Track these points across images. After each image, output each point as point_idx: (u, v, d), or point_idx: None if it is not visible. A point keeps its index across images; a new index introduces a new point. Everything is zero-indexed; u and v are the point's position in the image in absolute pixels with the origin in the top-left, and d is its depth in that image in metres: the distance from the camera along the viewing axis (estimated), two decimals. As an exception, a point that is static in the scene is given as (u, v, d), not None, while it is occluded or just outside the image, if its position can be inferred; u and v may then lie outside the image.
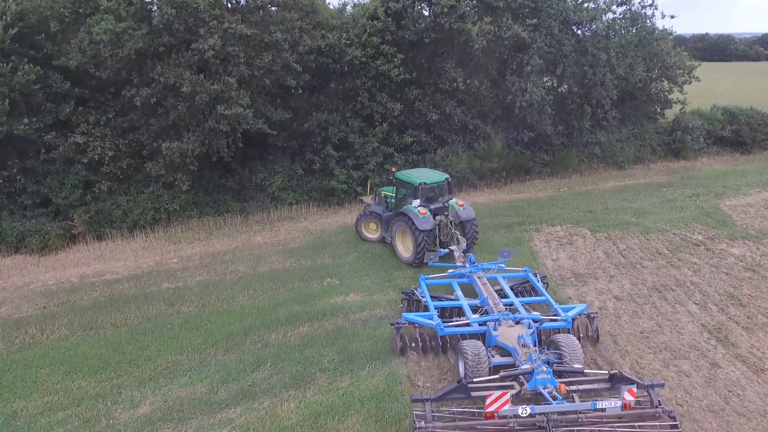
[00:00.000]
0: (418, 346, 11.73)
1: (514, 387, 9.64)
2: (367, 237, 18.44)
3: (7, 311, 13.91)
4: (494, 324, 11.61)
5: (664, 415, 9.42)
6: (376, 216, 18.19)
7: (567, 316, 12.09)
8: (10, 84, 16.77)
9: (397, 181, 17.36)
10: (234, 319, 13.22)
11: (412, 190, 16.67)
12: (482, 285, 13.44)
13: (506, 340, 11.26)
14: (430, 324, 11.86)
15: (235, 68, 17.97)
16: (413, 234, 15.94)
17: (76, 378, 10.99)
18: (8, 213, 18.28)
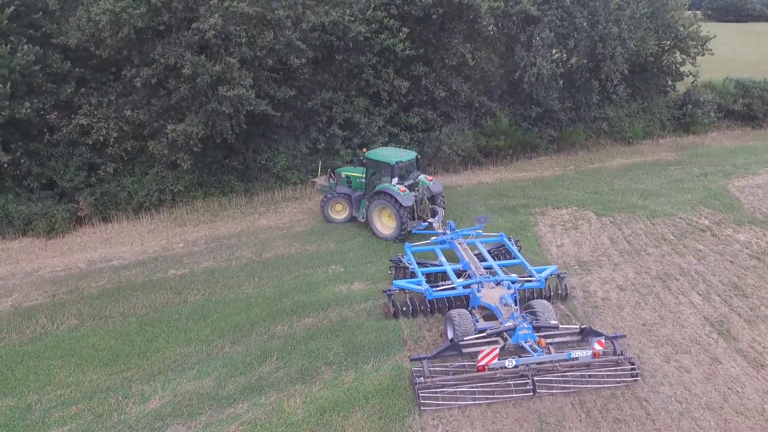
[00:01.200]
0: (408, 311, 12.89)
1: (499, 342, 11.11)
2: (334, 219, 18.60)
3: (18, 299, 14.12)
4: (477, 286, 12.74)
5: (625, 362, 10.96)
6: (344, 196, 18.41)
7: (540, 276, 13.46)
8: (9, 66, 16.51)
9: (368, 161, 17.63)
10: (240, 309, 13.40)
11: (388, 169, 17.14)
12: (463, 250, 14.67)
13: (489, 300, 12.48)
14: (420, 289, 12.98)
15: (237, 48, 17.63)
16: (397, 211, 16.62)
17: (87, 371, 11.24)
18: (14, 196, 18.31)
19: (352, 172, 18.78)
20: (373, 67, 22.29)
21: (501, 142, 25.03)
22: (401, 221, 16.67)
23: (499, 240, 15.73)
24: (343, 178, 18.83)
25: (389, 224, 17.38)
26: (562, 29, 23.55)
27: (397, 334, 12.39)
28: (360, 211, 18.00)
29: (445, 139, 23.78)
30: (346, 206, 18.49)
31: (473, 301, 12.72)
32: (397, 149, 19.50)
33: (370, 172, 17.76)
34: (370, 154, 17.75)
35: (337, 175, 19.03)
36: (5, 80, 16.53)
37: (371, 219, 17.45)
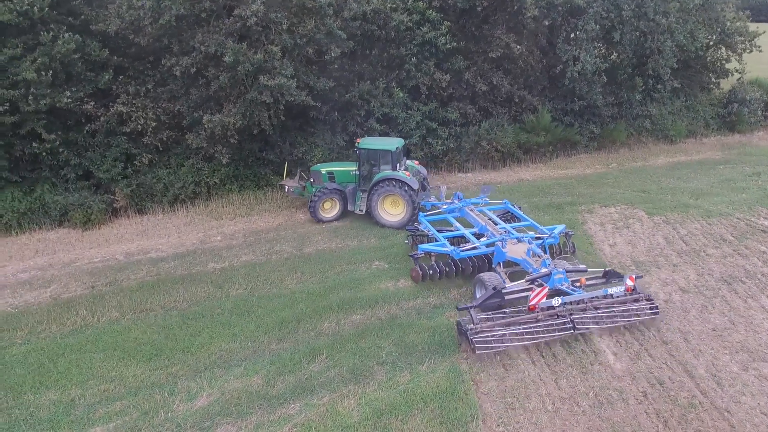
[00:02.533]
0: (435, 273, 13.44)
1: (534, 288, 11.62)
2: (324, 218, 17.84)
3: (57, 290, 13.78)
4: (501, 243, 13.49)
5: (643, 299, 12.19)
6: (335, 192, 17.75)
7: (554, 233, 14.40)
8: (50, 54, 16.25)
9: (363, 151, 17.38)
10: (285, 305, 12.87)
11: (387, 157, 17.18)
12: (476, 215, 15.63)
13: (515, 254, 13.20)
14: (446, 251, 13.70)
15: (277, 36, 17.14)
16: (408, 196, 16.76)
17: (131, 365, 10.80)
18: (50, 186, 18.05)
19: (335, 167, 18.42)
20: (414, 59, 21.63)
21: (541, 138, 24.22)
22: (413, 205, 16.83)
23: (503, 207, 16.72)
24: (323, 175, 18.06)
25: (393, 211, 17.33)
26: (607, 21, 22.69)
27: (450, 334, 11.73)
28: (356, 203, 17.68)
29: (484, 135, 23.12)
30: (335, 203, 17.86)
31: (499, 257, 13.38)
32: (385, 138, 19.55)
33: (365, 162, 17.46)
34: (366, 144, 17.49)
35: (315, 173, 18.21)
36: (46, 68, 16.26)
37: (375, 209, 17.17)
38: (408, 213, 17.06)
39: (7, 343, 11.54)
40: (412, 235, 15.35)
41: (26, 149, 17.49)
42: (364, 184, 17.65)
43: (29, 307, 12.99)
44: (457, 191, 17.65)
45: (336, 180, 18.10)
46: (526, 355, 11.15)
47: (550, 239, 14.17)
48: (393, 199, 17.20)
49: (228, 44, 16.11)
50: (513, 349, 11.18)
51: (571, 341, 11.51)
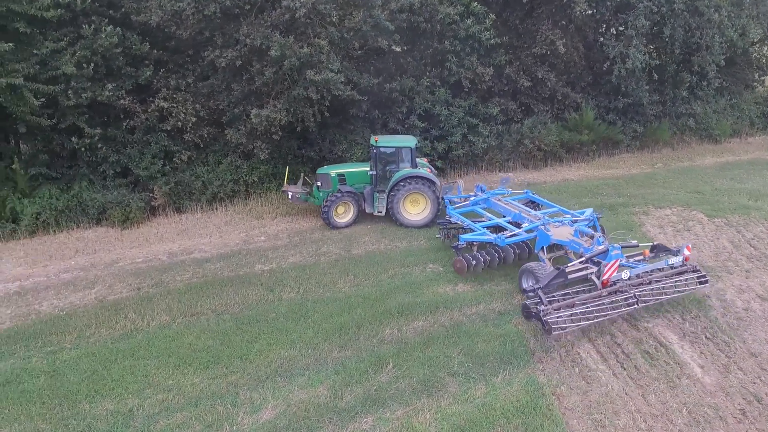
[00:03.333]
0: (479, 263, 13.18)
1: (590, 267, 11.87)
2: (339, 224, 16.84)
3: (102, 291, 13.26)
4: (544, 227, 13.29)
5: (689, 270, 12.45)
6: (350, 196, 16.76)
7: (588, 216, 14.43)
8: (92, 47, 15.78)
9: (381, 149, 16.72)
10: (341, 309, 12.23)
11: (408, 154, 16.69)
12: (505, 205, 15.43)
13: (561, 237, 13.18)
14: (489, 239, 13.55)
15: (323, 29, 16.52)
16: (434, 193, 16.43)
17: (188, 373, 10.22)
18: (88, 183, 17.61)
19: (344, 168, 17.49)
20: (457, 55, 20.94)
21: (584, 136, 23.42)
22: (438, 202, 16.50)
23: (525, 197, 16.57)
24: (332, 178, 17.00)
25: (414, 210, 16.81)
26: (657, 16, 21.82)
27: (521, 343, 11.04)
28: (374, 205, 16.96)
29: (527, 133, 22.35)
30: (350, 206, 16.91)
31: (543, 242, 13.19)
32: (399, 136, 18.86)
33: (382, 162, 16.88)
34: (383, 142, 16.75)
35: (323, 176, 17.11)
36: (87, 62, 15.79)
37: (398, 209, 16.52)
38: (432, 211, 16.65)
39: (56, 347, 11.02)
40: (445, 228, 15.20)
41: (66, 144, 17.07)
42: (381, 185, 16.95)
43: (75, 309, 12.47)
44: (477, 183, 17.21)
45: (347, 182, 17.18)
46: (606, 367, 10.43)
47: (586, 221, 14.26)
48: (413, 198, 16.69)
49: (275, 37, 15.49)
50: (593, 362, 10.48)
51: (652, 352, 10.78)
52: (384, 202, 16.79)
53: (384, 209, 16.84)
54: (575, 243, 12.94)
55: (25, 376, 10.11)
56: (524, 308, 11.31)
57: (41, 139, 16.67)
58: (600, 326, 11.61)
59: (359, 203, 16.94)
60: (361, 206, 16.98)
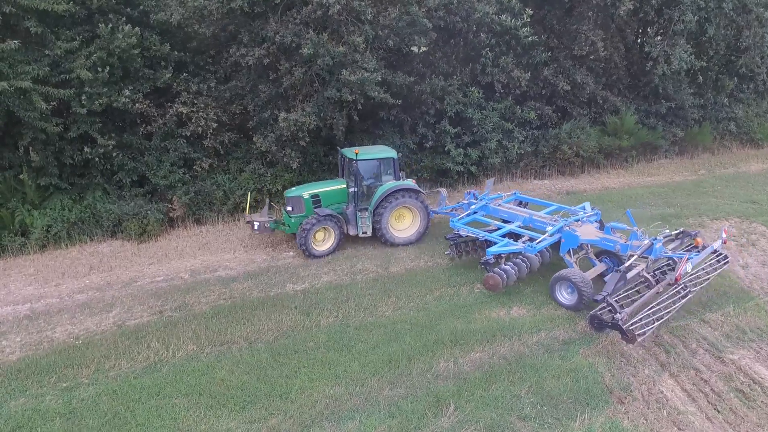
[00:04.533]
0: (513, 275, 12.12)
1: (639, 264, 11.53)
2: (318, 252, 14.65)
3: (121, 315, 12.04)
4: (569, 228, 12.83)
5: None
6: (330, 219, 14.58)
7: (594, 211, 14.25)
8: (108, 48, 14.60)
9: (363, 162, 14.75)
10: (388, 338, 10.97)
11: (390, 165, 15.17)
12: (509, 209, 14.80)
13: (589, 236, 12.71)
14: (518, 249, 12.62)
15: (356, 27, 15.30)
16: (424, 206, 15.23)
17: (222, 415, 8.97)
18: (102, 193, 16.44)
19: (318, 188, 15.26)
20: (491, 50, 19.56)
21: (624, 141, 22.11)
22: (428, 216, 15.36)
23: (515, 197, 15.98)
24: (305, 200, 14.84)
25: (399, 227, 15.42)
26: (704, 13, 20.48)
27: (596, 379, 9.76)
28: (359, 225, 15.04)
29: (565, 138, 21.04)
30: (330, 231, 14.78)
31: (570, 243, 12.73)
32: (375, 146, 16.65)
33: (368, 173, 15.11)
34: (364, 155, 14.71)
35: (294, 198, 14.88)
36: (103, 64, 14.60)
37: (386, 227, 14.90)
38: (422, 226, 15.36)
39: (72, 383, 9.80)
40: (455, 243, 13.98)
41: (75, 155, 15.89)
42: (364, 202, 15.13)
43: (92, 336, 11.25)
44: (467, 191, 16.26)
45: (322, 203, 15.03)
46: (696, 409, 9.14)
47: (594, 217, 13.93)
48: (398, 213, 15.24)
49: (307, 35, 14.26)
50: (681, 403, 9.19)
51: (746, 391, 9.49)
52: (368, 221, 15.00)
53: (370, 229, 15.06)
54: (608, 240, 12.38)
55: (38, 419, 8.89)
56: (593, 319, 10.76)
57: (51, 147, 15.49)
58: (679, 357, 10.36)
59: (341, 226, 14.82)
60: (343, 229, 14.93)
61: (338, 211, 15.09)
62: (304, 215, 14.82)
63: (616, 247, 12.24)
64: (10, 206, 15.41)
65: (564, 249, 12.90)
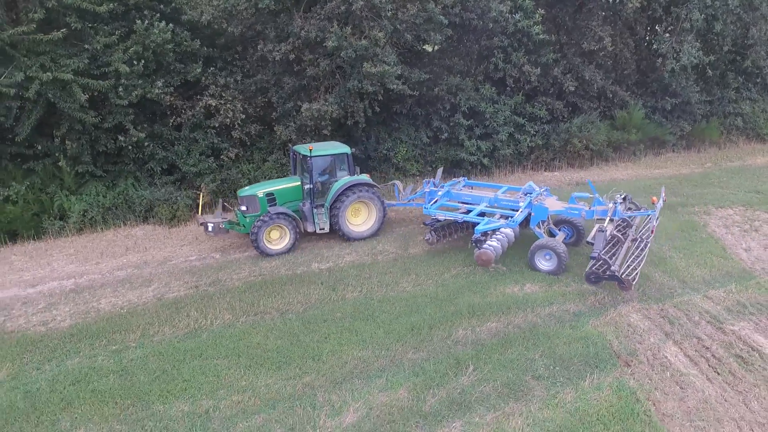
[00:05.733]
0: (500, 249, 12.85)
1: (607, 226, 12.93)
2: (272, 251, 14.52)
3: (159, 289, 12.94)
4: (539, 201, 14.08)
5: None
6: (283, 217, 14.46)
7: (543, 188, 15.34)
8: (144, 43, 15.53)
9: (318, 158, 14.81)
10: (410, 310, 11.79)
11: (344, 161, 15.34)
12: (473, 192, 15.64)
13: (556, 207, 14.09)
14: (503, 225, 13.43)
15: (377, 22, 16.15)
16: (381, 200, 15.47)
17: (260, 374, 9.81)
18: (135, 181, 17.37)
19: (273, 186, 15.19)
20: (504, 50, 20.44)
21: (632, 135, 22.80)
22: (384, 211, 15.61)
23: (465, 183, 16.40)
24: (260, 199, 14.73)
25: (356, 221, 15.56)
26: (711, 10, 21.16)
27: (604, 345, 10.50)
28: (316, 222, 15.07)
29: (575, 132, 21.77)
30: (285, 230, 14.61)
31: (540, 215, 13.98)
32: (327, 142, 16.60)
33: (320, 169, 15.08)
34: (318, 151, 14.84)
35: (248, 197, 14.73)
36: (139, 58, 15.54)
37: (344, 222, 15.08)
38: (377, 220, 15.52)
39: (121, 346, 10.68)
40: (433, 229, 14.68)
41: (109, 144, 16.84)
42: (319, 199, 15.26)
43: (135, 307, 12.15)
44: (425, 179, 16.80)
45: (278, 201, 14.94)
46: (698, 372, 9.85)
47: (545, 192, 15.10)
48: (354, 208, 15.43)
49: (332, 28, 15.14)
50: (683, 366, 9.93)
51: (745, 357, 10.19)
52: (325, 217, 15.10)
53: (327, 225, 15.11)
54: (574, 209, 13.86)
55: (93, 375, 9.77)
56: (590, 276, 12.24)
57: (86, 136, 16.43)
58: (682, 327, 11.09)
59: (295, 225, 14.72)
60: (299, 227, 14.87)
61: (294, 209, 15.03)
62: (259, 215, 14.61)
63: (582, 214, 13.68)
64: (49, 192, 16.34)
65: (534, 222, 14.02)
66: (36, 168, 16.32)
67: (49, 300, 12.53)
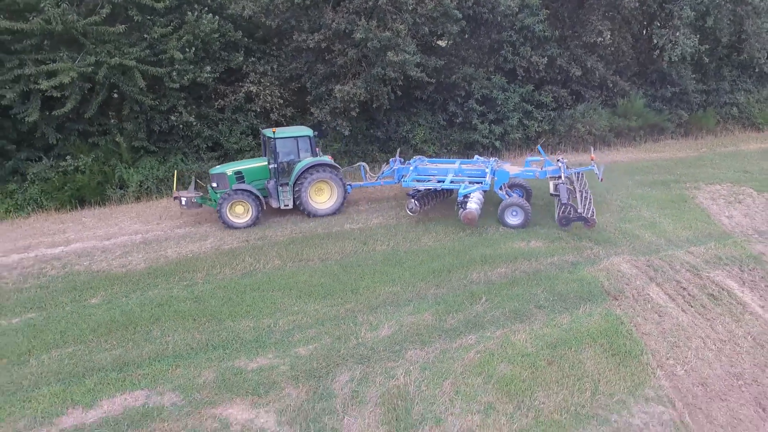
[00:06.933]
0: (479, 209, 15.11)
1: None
2: (236, 224, 15.77)
3: (215, 242, 15.06)
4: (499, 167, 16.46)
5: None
6: (245, 193, 15.64)
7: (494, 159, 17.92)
8: (194, 33, 17.68)
9: (279, 140, 15.99)
10: (431, 258, 13.81)
11: (306, 143, 16.42)
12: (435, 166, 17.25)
13: (514, 171, 16.65)
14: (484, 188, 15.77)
15: (399, 15, 18.17)
16: (341, 180, 16.61)
17: (309, 302, 11.88)
18: (183, 156, 19.53)
19: (242, 165, 16.59)
20: (512, 45, 22.42)
21: (633, 122, 24.65)
22: (344, 189, 16.69)
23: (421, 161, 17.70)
24: (229, 177, 16.01)
25: (320, 199, 16.67)
26: (702, 6, 22.94)
27: (597, 285, 12.47)
28: (280, 199, 16.36)
29: (579, 118, 23.65)
30: (247, 205, 15.78)
31: (503, 179, 16.28)
32: (293, 126, 18.11)
33: (281, 153, 16.16)
34: (281, 133, 16.16)
35: (219, 175, 16.01)
36: (190, 46, 17.68)
37: (306, 200, 16.27)
38: (339, 198, 16.64)
39: (191, 282, 12.81)
40: (416, 198, 16.07)
41: (162, 124, 19.01)
42: (284, 177, 16.43)
43: (197, 255, 14.28)
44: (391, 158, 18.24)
45: (246, 179, 16.23)
46: (675, 305, 11.79)
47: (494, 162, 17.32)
48: (317, 187, 16.51)
49: (360, 22, 17.20)
50: (662, 301, 11.86)
51: (716, 294, 12.12)
52: (289, 195, 16.30)
53: (291, 202, 16.37)
54: (529, 171, 16.69)
55: (173, 301, 11.90)
56: (562, 220, 15.18)
57: (143, 116, 18.61)
58: (665, 274, 13.00)
59: (257, 201, 15.82)
60: (260, 204, 15.94)
61: (261, 187, 16.32)
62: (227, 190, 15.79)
63: (536, 174, 16.52)
64: (111, 164, 18.52)
65: (498, 185, 16.26)
66: (99, 143, 18.50)
67: (124, 249, 14.70)
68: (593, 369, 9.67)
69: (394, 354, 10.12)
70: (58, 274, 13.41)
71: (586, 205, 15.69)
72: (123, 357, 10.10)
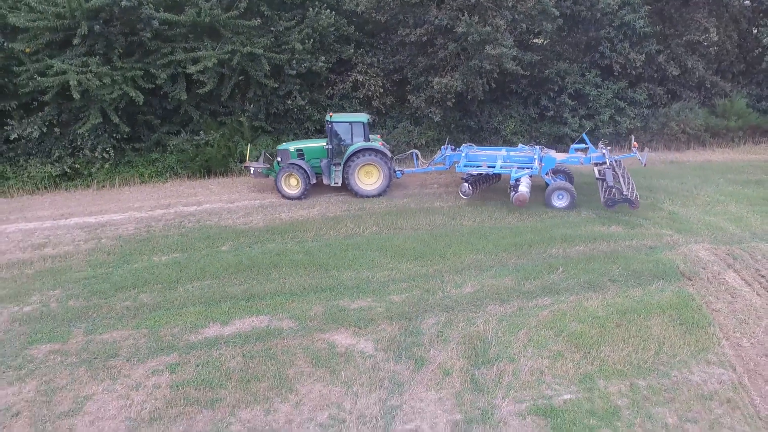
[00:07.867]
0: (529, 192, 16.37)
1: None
2: (289, 194, 18.02)
3: (321, 210, 17.23)
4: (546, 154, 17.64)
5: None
6: (297, 169, 17.73)
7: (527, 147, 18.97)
8: (313, 26, 19.99)
9: (335, 124, 17.93)
10: (514, 234, 15.08)
11: (360, 128, 17.87)
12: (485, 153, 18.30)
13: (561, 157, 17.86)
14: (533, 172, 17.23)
15: (499, 12, 19.44)
16: (388, 164, 17.83)
17: (402, 261, 13.58)
18: (295, 136, 22.00)
19: (305, 144, 18.78)
20: (610, 41, 22.87)
21: (732, 123, 24.23)
22: (390, 173, 17.92)
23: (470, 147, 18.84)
24: (291, 153, 18.27)
25: (368, 181, 18.03)
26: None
27: (672, 266, 13.18)
28: (331, 177, 18.18)
29: (674, 116, 23.67)
30: (299, 179, 17.89)
31: (550, 165, 17.54)
32: (350, 113, 20.08)
33: (337, 136, 18.13)
34: (337, 118, 18.11)
35: (283, 151, 18.38)
36: (309, 38, 20.01)
37: (353, 180, 17.83)
38: (385, 181, 17.92)
39: (301, 239, 14.96)
40: (469, 182, 17.39)
41: (279, 107, 21.54)
42: (337, 158, 18.23)
43: (306, 219, 16.48)
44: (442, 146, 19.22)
45: (305, 157, 18.37)
46: (750, 289, 12.30)
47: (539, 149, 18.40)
48: (367, 170, 17.91)
49: (462, 17, 18.70)
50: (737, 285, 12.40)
51: (792, 282, 12.45)
52: (340, 174, 18.01)
53: (340, 180, 18.03)
54: (573, 158, 17.78)
55: (288, 252, 14.06)
56: (609, 202, 16.27)
57: (264, 99, 21.21)
58: (744, 262, 13.43)
59: (306, 175, 17.77)
60: (308, 178, 17.83)
61: (317, 164, 18.42)
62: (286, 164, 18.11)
63: (580, 161, 17.65)
64: (234, 140, 21.30)
65: (545, 170, 17.41)
66: (226, 122, 21.35)
67: (245, 211, 17.21)
68: (659, 333, 10.59)
69: (476, 307, 11.58)
70: (194, 227, 16.08)
71: (629, 188, 16.52)
72: (249, 290, 12.31)
